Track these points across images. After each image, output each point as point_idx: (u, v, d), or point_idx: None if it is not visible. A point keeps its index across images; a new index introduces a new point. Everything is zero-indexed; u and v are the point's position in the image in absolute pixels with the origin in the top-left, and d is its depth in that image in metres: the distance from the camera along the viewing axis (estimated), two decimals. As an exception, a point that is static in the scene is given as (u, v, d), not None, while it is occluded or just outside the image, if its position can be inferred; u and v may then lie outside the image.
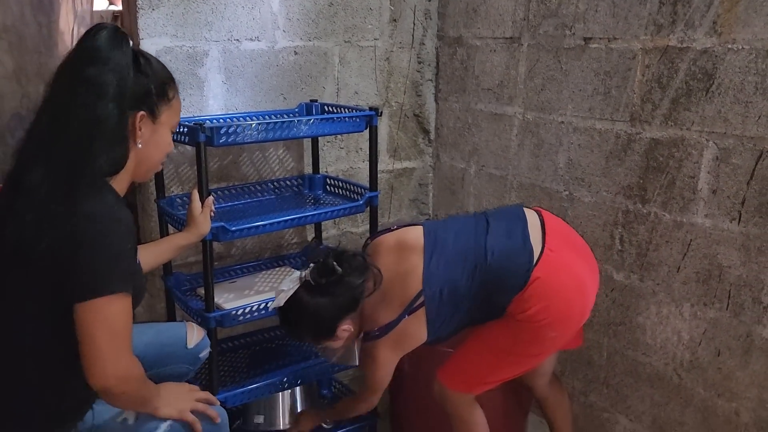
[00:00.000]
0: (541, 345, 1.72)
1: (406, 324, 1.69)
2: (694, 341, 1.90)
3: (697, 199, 1.85)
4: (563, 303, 1.67)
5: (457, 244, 1.72)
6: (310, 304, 1.67)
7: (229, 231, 1.82)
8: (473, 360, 1.79)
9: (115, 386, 1.20)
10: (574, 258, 1.73)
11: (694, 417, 1.93)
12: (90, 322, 1.16)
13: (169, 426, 1.36)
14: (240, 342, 2.37)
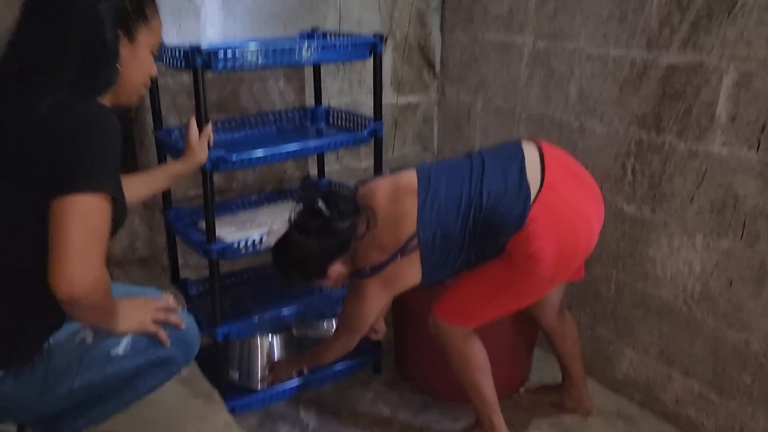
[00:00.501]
0: (540, 283, 1.68)
1: (398, 265, 1.66)
2: (705, 272, 1.87)
3: (714, 127, 1.78)
4: (563, 241, 1.62)
5: (452, 188, 1.66)
6: (298, 247, 1.65)
7: (229, 161, 1.77)
8: (470, 295, 1.75)
9: (82, 293, 1.09)
10: (575, 191, 1.67)
11: (702, 348, 1.91)
12: (67, 219, 1.07)
13: (130, 340, 1.29)
14: (243, 277, 2.34)
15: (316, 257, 1.66)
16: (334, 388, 2.24)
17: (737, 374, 1.84)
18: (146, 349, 1.32)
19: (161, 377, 1.39)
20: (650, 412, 2.10)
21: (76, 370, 1.26)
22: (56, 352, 1.27)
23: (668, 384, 2.03)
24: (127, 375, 1.32)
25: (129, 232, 2.19)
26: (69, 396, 1.28)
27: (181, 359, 1.38)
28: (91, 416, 1.39)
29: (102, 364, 1.28)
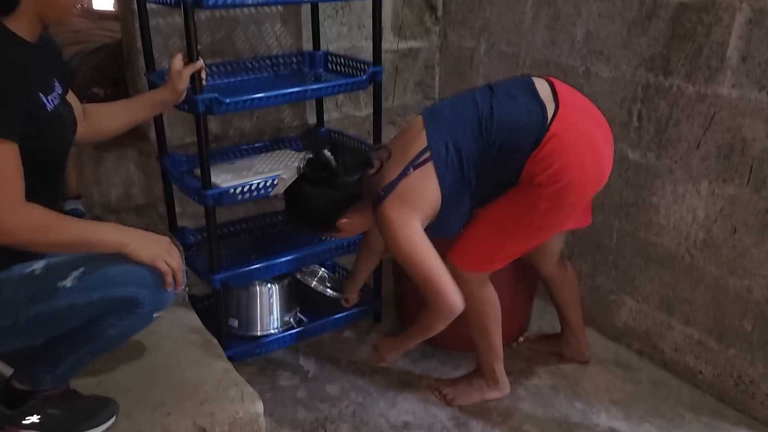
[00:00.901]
0: (557, 213, 1.61)
1: (411, 178, 1.57)
2: (709, 219, 1.84)
3: (724, 68, 1.72)
4: (581, 162, 1.57)
5: (458, 109, 1.62)
6: (307, 198, 1.60)
7: (222, 103, 1.72)
8: (485, 236, 1.70)
9: (11, 239, 1.13)
10: (588, 121, 1.63)
11: (703, 296, 1.90)
12: None
13: (80, 274, 1.23)
14: (241, 226, 2.32)
15: (325, 211, 1.61)
16: (334, 336, 2.24)
17: (737, 321, 1.82)
18: (100, 285, 1.25)
19: (130, 321, 1.31)
20: (648, 360, 2.10)
21: (23, 302, 1.22)
22: (3, 282, 1.24)
23: (667, 332, 2.03)
24: (82, 313, 1.26)
25: (124, 179, 2.16)
26: (17, 330, 1.23)
27: (149, 303, 1.29)
28: (67, 364, 1.35)
29: (48, 296, 1.23)
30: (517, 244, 1.70)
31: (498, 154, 1.57)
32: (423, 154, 1.57)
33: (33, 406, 1.35)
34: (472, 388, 1.93)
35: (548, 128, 1.53)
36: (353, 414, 1.88)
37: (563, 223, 1.69)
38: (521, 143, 1.55)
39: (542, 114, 1.55)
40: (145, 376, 1.63)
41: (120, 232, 1.27)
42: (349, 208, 1.62)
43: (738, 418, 1.85)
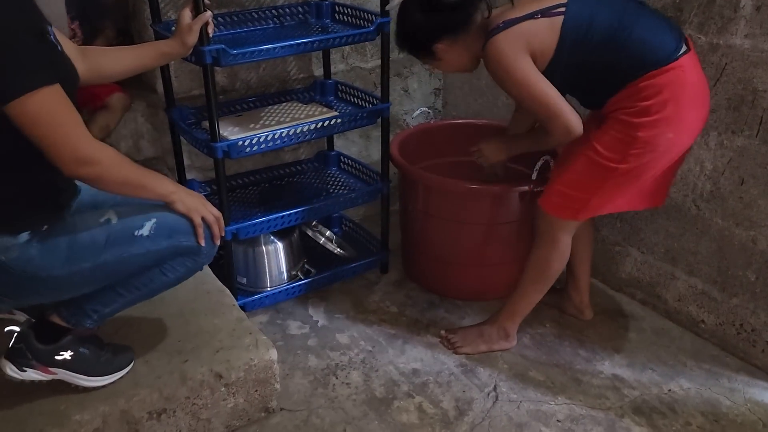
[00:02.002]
0: (656, 151, 1.57)
1: (538, 22, 1.56)
2: (717, 171, 1.84)
3: (737, 18, 1.70)
4: (688, 102, 1.55)
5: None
6: (407, 16, 1.68)
7: (229, 54, 1.71)
8: (579, 181, 1.68)
9: (84, 171, 1.19)
10: (703, 76, 1.62)
11: (708, 246, 1.92)
12: (24, 124, 1.12)
13: (154, 224, 1.32)
14: (249, 179, 2.33)
15: (422, 31, 1.67)
16: (342, 287, 2.28)
17: (741, 272, 1.85)
18: (170, 235, 1.34)
19: (188, 267, 1.40)
20: (652, 310, 2.14)
21: (102, 246, 1.29)
22: (81, 228, 1.31)
23: (671, 282, 2.06)
24: (153, 258, 1.35)
25: (132, 131, 2.16)
26: (94, 272, 1.30)
27: (204, 251, 1.39)
28: (118, 304, 1.42)
29: (127, 243, 1.31)
30: (610, 191, 1.66)
31: (620, 54, 1.55)
32: (558, 7, 1.56)
33: (69, 342, 1.40)
34: (481, 339, 1.97)
35: (680, 56, 1.53)
36: (363, 361, 1.93)
37: (658, 166, 1.63)
38: (652, 49, 1.53)
39: (678, 42, 1.55)
40: (162, 325, 1.68)
41: (168, 183, 1.36)
42: (448, 34, 1.65)
43: (739, 365, 1.90)
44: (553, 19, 1.56)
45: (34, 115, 1.12)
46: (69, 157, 1.17)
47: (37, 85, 1.10)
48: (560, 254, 1.81)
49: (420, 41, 1.69)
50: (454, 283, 2.23)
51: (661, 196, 1.79)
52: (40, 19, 1.21)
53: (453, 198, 2.07)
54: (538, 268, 1.85)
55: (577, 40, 1.56)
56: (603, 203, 1.70)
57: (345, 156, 2.42)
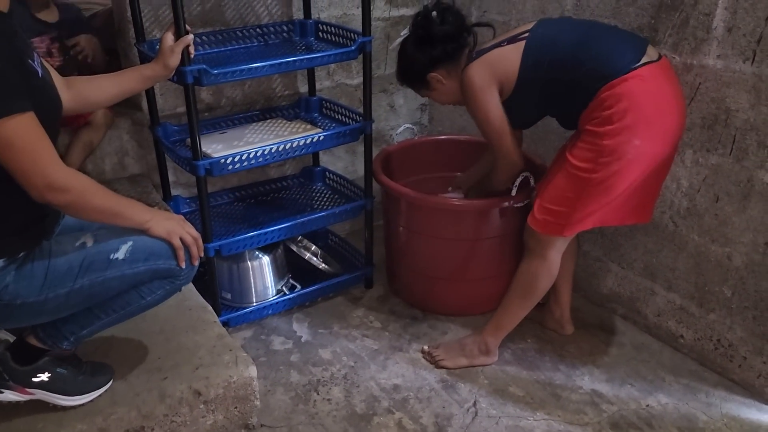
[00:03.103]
0: (623, 158, 1.60)
1: (503, 49, 1.74)
2: (693, 188, 1.87)
3: (710, 39, 1.73)
4: (651, 109, 1.60)
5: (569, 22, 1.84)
6: (404, 49, 1.87)
7: (211, 74, 1.73)
8: (559, 196, 1.72)
9: (54, 198, 1.20)
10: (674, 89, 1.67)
11: (686, 262, 1.95)
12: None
13: (131, 247, 1.33)
14: (234, 195, 2.36)
15: (417, 61, 1.83)
16: (326, 302, 2.30)
17: (718, 288, 1.88)
18: (147, 258, 1.34)
19: (166, 289, 1.41)
20: (632, 325, 2.16)
21: (77, 272, 1.30)
22: (57, 253, 1.31)
23: (650, 298, 2.08)
24: (129, 282, 1.35)
25: (117, 148, 2.18)
26: (70, 297, 1.31)
27: (182, 274, 1.40)
28: (95, 327, 1.42)
29: (102, 267, 1.31)
30: (591, 201, 1.68)
31: (581, 68, 1.63)
32: (524, 33, 1.73)
33: (46, 363, 1.41)
34: (462, 353, 1.98)
35: (640, 66, 1.59)
36: (345, 377, 1.95)
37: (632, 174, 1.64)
38: (610, 62, 1.61)
39: (640, 50, 1.63)
40: (142, 342, 1.69)
41: (144, 211, 1.36)
42: (441, 64, 1.81)
43: (717, 380, 1.92)
44: (518, 44, 1.72)
45: (6, 141, 1.13)
46: (39, 183, 1.18)
47: (10, 112, 1.12)
48: (548, 271, 1.84)
49: (415, 72, 1.86)
50: (437, 299, 2.24)
51: (646, 211, 1.81)
52: (22, 46, 1.22)
53: (435, 214, 2.09)
54: (525, 285, 1.87)
55: (540, 58, 1.69)
56: (585, 216, 1.72)
57: (330, 172, 2.45)
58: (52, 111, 1.28)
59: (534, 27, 1.73)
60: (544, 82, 1.70)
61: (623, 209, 1.74)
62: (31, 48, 1.27)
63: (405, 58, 1.87)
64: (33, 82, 1.20)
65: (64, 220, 1.45)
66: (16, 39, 1.21)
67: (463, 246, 2.11)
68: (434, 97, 1.93)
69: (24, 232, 1.30)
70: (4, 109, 1.12)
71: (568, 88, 1.67)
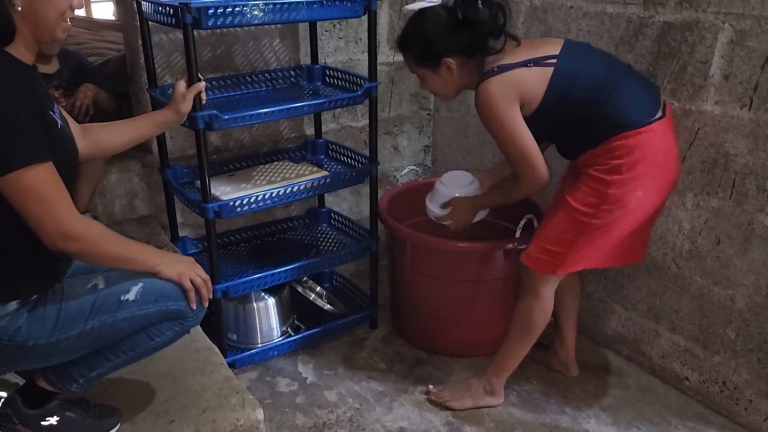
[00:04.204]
0: (625, 207, 1.63)
1: (530, 70, 1.64)
2: (694, 231, 1.90)
3: (708, 86, 1.78)
4: (657, 164, 1.63)
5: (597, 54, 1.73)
6: (435, 19, 1.67)
7: (221, 119, 1.78)
8: (556, 236, 1.74)
9: (66, 246, 1.23)
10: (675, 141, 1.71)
11: (689, 304, 1.96)
12: (14, 197, 1.18)
13: (141, 288, 1.35)
14: (241, 236, 2.38)
15: (442, 37, 1.67)
16: (331, 343, 2.30)
17: (722, 330, 1.88)
18: (157, 299, 1.36)
19: (175, 330, 1.43)
20: (637, 366, 2.16)
21: (88, 313, 1.32)
22: (69, 295, 1.33)
23: (655, 339, 2.09)
24: (139, 323, 1.37)
25: (128, 190, 2.22)
26: (81, 339, 1.32)
27: (191, 316, 1.42)
28: (104, 369, 1.43)
29: (113, 309, 1.33)
30: (586, 245, 1.71)
31: (599, 112, 1.63)
32: (549, 59, 1.64)
33: (55, 407, 1.41)
34: (468, 394, 1.98)
35: (651, 123, 1.62)
36: (350, 420, 1.94)
37: (629, 222, 1.68)
38: (628, 112, 1.62)
39: (654, 108, 1.65)
40: (149, 384, 1.69)
41: (154, 255, 1.39)
42: (462, 53, 1.67)
43: (723, 423, 1.91)
44: (545, 69, 1.64)
45: (25, 189, 1.17)
46: (53, 232, 1.21)
47: (30, 162, 1.16)
48: (543, 308, 1.85)
49: (433, 50, 1.69)
50: (442, 340, 2.25)
51: (638, 252, 1.84)
52: (43, 97, 1.27)
53: (439, 256, 2.11)
54: (522, 322, 1.88)
55: (563, 92, 1.64)
56: (579, 258, 1.74)
57: (335, 213, 2.48)
58: (70, 160, 1.32)
59: (561, 54, 1.65)
60: (561, 114, 1.67)
61: (616, 252, 1.77)
62: (51, 99, 1.31)
63: (429, 29, 1.68)
64: (52, 132, 1.24)
65: (75, 262, 1.48)
66: (39, 91, 1.25)
67: (467, 287, 2.12)
68: (431, 83, 1.78)
69: (37, 276, 1.33)
70: (25, 159, 1.16)
71: (582, 126, 1.67)
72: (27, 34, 1.22)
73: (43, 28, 1.23)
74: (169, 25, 1.79)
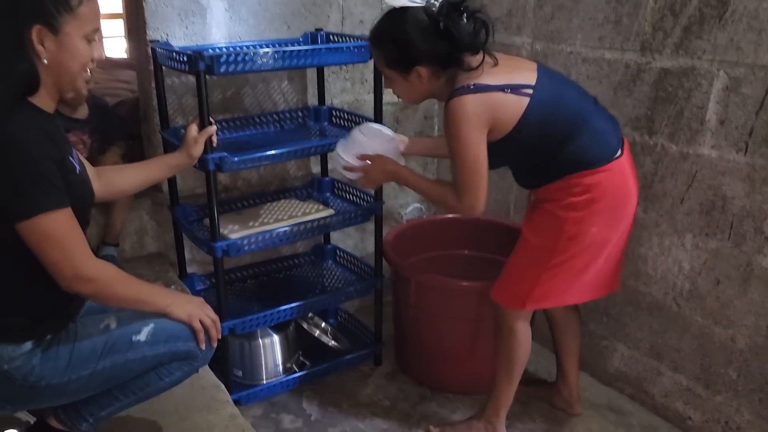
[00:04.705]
0: (581, 244, 1.68)
1: (504, 96, 1.59)
2: (694, 271, 1.93)
3: (704, 130, 1.83)
4: (612, 201, 1.66)
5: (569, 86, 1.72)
6: (415, 23, 1.56)
7: (231, 161, 1.83)
8: (519, 272, 1.78)
9: (81, 288, 1.27)
10: (634, 177, 1.74)
11: (690, 344, 1.98)
12: (33, 241, 1.22)
13: (152, 329, 1.38)
14: (248, 272, 2.42)
15: (419, 45, 1.57)
16: (336, 379, 2.32)
17: (723, 369, 1.90)
18: (167, 340, 1.40)
19: (184, 370, 1.46)
20: (640, 405, 2.17)
21: (100, 354, 1.35)
22: (82, 335, 1.37)
23: (657, 378, 2.10)
24: (150, 363, 1.40)
25: (137, 228, 2.26)
26: (92, 379, 1.35)
27: (200, 356, 1.46)
28: (114, 408, 1.47)
29: (124, 349, 1.37)
30: (549, 279, 1.73)
31: (564, 148, 1.64)
32: (526, 88, 1.60)
33: None
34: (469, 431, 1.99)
35: (610, 162, 1.65)
36: (354, 458, 1.95)
37: (589, 256, 1.71)
38: (586, 157, 1.64)
39: (615, 148, 1.68)
40: (157, 422, 1.71)
41: (165, 296, 1.43)
42: (437, 64, 1.60)
43: (726, 463, 1.92)
44: (520, 99, 1.60)
45: (44, 234, 1.21)
46: (69, 274, 1.25)
47: (51, 208, 1.21)
48: (519, 342, 1.87)
49: (407, 55, 1.60)
50: (446, 377, 2.26)
51: (612, 283, 1.85)
52: (63, 144, 1.32)
53: (443, 293, 2.14)
54: (504, 360, 1.91)
55: (534, 125, 1.62)
56: (545, 292, 1.76)
57: (341, 250, 2.52)
58: (86, 204, 1.37)
59: (537, 84, 1.61)
60: (526, 146, 1.65)
61: (587, 286, 1.79)
62: (70, 145, 1.37)
63: (401, 33, 1.58)
64: (71, 177, 1.29)
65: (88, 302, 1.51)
66: (59, 138, 1.30)
67: (470, 324, 2.15)
68: (397, 86, 1.69)
69: (52, 316, 1.36)
70: (46, 205, 1.21)
71: (543, 159, 1.68)
72: (50, 85, 1.27)
73: (66, 79, 1.28)
74: (182, 71, 1.86)
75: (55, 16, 1.21)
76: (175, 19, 2.08)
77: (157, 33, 2.06)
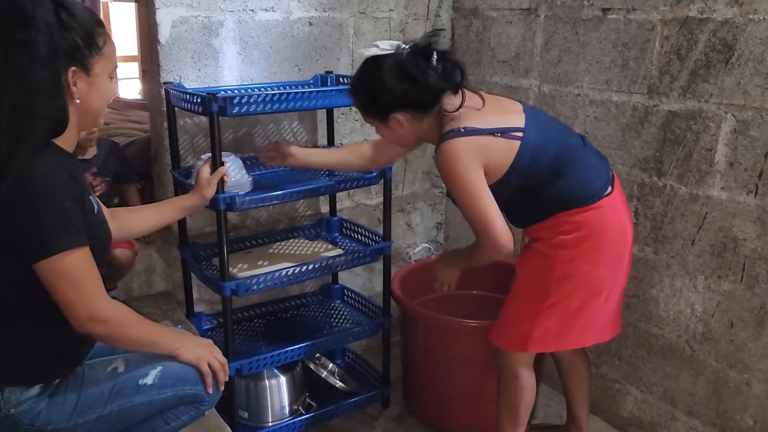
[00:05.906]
0: (573, 283, 1.66)
1: (497, 140, 1.58)
2: (707, 313, 1.90)
3: (713, 172, 1.83)
4: (603, 238, 1.65)
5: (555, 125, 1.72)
6: (383, 70, 1.57)
7: (242, 200, 1.84)
8: (515, 313, 1.76)
9: (94, 329, 1.26)
10: (627, 212, 1.73)
11: (705, 388, 1.94)
12: (50, 279, 1.22)
13: (159, 372, 1.37)
14: (255, 311, 2.40)
15: (389, 95, 1.58)
16: (343, 422, 2.28)
17: (739, 415, 1.86)
18: (174, 383, 1.38)
19: (191, 414, 1.44)
20: (655, 452, 2.12)
21: (107, 398, 1.34)
22: (89, 379, 1.36)
23: (672, 423, 2.05)
24: (156, 407, 1.38)
25: (146, 267, 2.27)
26: (98, 423, 1.33)
27: (207, 399, 1.44)
28: None
29: (131, 393, 1.35)
30: (546, 319, 1.70)
31: (553, 187, 1.63)
32: (516, 131, 1.60)
33: None
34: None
35: (600, 199, 1.65)
36: (361, 504, 1.90)
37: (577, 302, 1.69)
38: (575, 195, 1.64)
39: (605, 185, 1.67)
40: (161, 465, 1.68)
41: (174, 336, 1.43)
42: (413, 109, 1.59)
43: None
44: (511, 143, 1.59)
45: (61, 272, 1.21)
46: (83, 315, 1.25)
47: (70, 247, 1.21)
48: (523, 387, 1.83)
49: (381, 103, 1.62)
50: (455, 420, 2.22)
51: (614, 327, 1.81)
52: (83, 183, 1.33)
53: (451, 334, 2.12)
54: (508, 405, 1.87)
55: (525, 168, 1.62)
56: (545, 333, 1.72)
57: (348, 289, 2.51)
58: (104, 243, 1.38)
59: (527, 126, 1.61)
60: (517, 187, 1.65)
61: (590, 330, 1.76)
62: (89, 185, 1.38)
63: (376, 81, 1.59)
64: (89, 217, 1.30)
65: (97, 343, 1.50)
66: (79, 177, 1.32)
67: (479, 366, 2.12)
68: (383, 133, 1.71)
69: (61, 360, 1.35)
70: (65, 244, 1.21)
71: (535, 199, 1.68)
72: (74, 124, 1.29)
73: (91, 116, 1.32)
74: (195, 113, 1.89)
75: (88, 57, 1.25)
76: (188, 61, 2.12)
77: (170, 75, 2.09)
